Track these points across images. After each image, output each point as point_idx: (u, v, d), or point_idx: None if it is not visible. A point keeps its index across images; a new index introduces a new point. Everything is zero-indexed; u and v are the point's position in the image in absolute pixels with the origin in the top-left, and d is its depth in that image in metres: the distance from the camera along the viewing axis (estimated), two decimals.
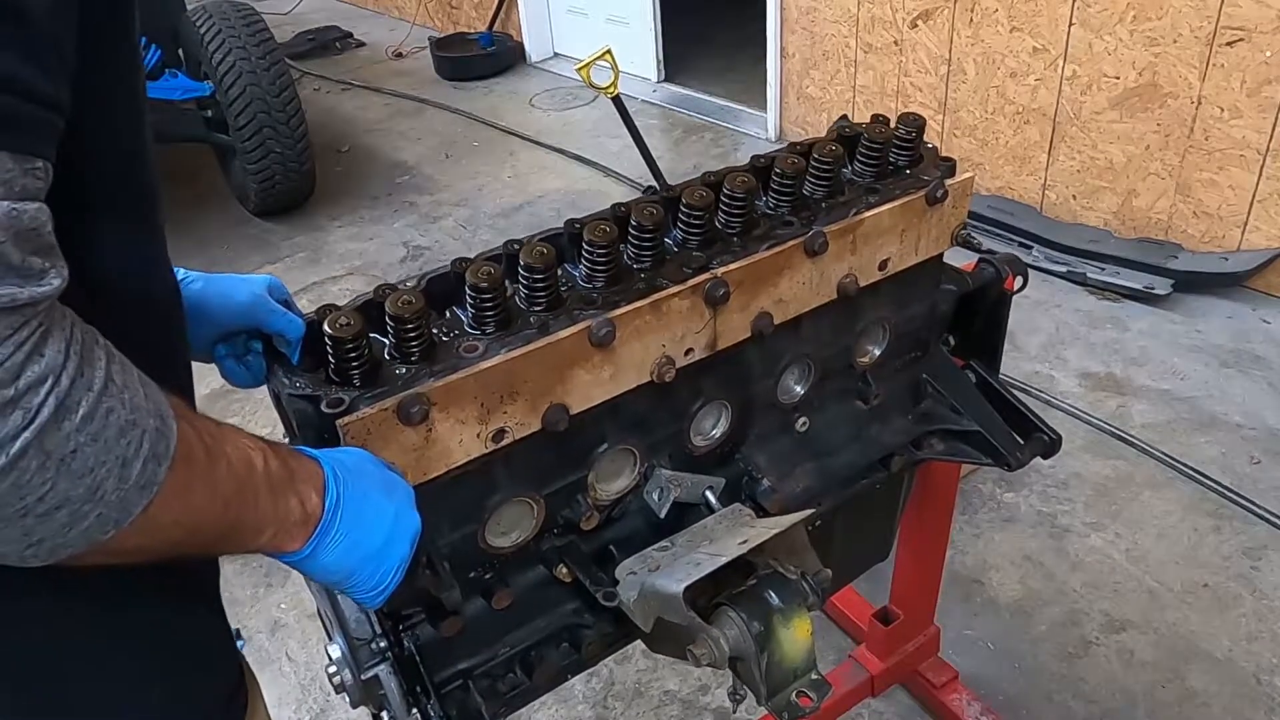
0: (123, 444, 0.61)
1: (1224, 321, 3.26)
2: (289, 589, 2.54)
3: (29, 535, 0.59)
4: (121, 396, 0.62)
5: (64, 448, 0.58)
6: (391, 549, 0.86)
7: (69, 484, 0.59)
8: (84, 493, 0.60)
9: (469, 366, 0.95)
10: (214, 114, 4.29)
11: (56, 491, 0.58)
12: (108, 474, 0.61)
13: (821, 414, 1.38)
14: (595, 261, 1.07)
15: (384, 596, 0.87)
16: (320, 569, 0.83)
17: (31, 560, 0.61)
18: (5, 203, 0.56)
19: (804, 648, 1.05)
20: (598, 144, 4.98)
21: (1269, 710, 2.05)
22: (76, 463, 0.59)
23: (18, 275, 0.56)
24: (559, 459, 1.11)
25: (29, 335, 0.57)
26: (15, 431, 0.56)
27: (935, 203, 1.27)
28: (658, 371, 1.09)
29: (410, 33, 6.86)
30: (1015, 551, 2.47)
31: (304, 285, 3.99)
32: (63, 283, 0.60)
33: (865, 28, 4.19)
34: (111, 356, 0.63)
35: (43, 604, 0.76)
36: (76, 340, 0.60)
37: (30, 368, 0.57)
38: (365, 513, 0.84)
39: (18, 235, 0.56)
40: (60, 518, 0.59)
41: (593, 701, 2.19)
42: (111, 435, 0.61)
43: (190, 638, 0.91)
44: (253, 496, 0.75)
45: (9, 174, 0.56)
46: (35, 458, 0.57)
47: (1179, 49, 3.21)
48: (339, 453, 0.87)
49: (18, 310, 0.56)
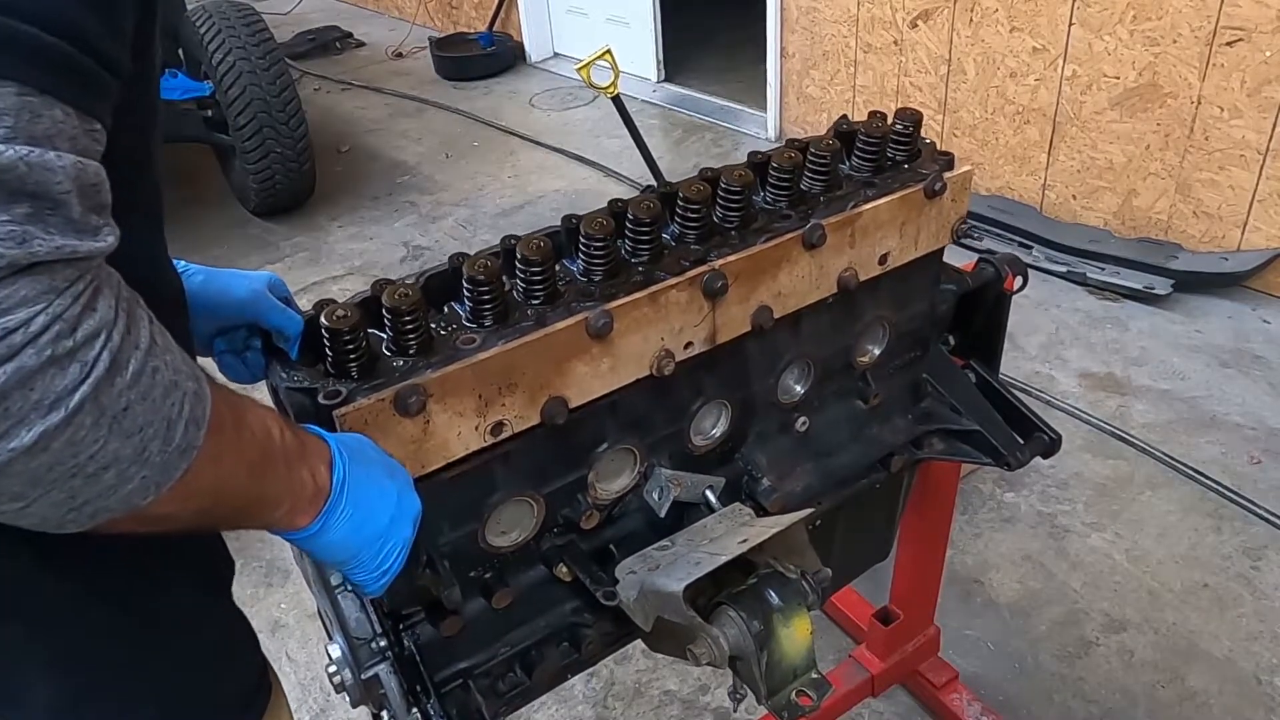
0: (168, 404, 0.61)
1: (1224, 321, 3.26)
2: (289, 589, 2.54)
3: (74, 498, 0.59)
4: (164, 358, 0.62)
5: (117, 404, 0.58)
6: (395, 529, 0.86)
7: (119, 443, 0.59)
8: (131, 453, 0.59)
9: (466, 358, 0.95)
10: (214, 114, 4.29)
11: (107, 450, 0.58)
12: (154, 434, 0.61)
13: (821, 413, 1.38)
14: (592, 255, 1.06)
15: (387, 579, 0.87)
16: (327, 547, 0.83)
17: (69, 525, 0.61)
18: (71, 155, 0.56)
19: (804, 647, 1.05)
20: (598, 144, 4.98)
21: (1269, 710, 2.05)
22: (127, 420, 0.59)
23: (77, 229, 0.57)
24: (559, 457, 1.11)
25: (84, 289, 0.57)
26: (74, 384, 0.56)
27: (934, 196, 1.27)
28: (657, 364, 1.08)
29: (410, 33, 6.86)
30: (1015, 551, 2.47)
31: (304, 285, 3.99)
32: (116, 240, 0.60)
33: (865, 28, 4.19)
34: (152, 319, 0.63)
35: (79, 591, 0.77)
36: (125, 300, 0.60)
37: (86, 320, 0.57)
38: (370, 491, 0.84)
39: (81, 190, 0.57)
40: (107, 479, 0.59)
41: (593, 701, 2.18)
42: (158, 395, 0.61)
43: (213, 633, 0.91)
44: (273, 467, 0.75)
45: (75, 129, 0.57)
46: (91, 413, 0.57)
47: (1179, 49, 3.21)
48: (342, 435, 0.88)
49: (76, 263, 0.57)
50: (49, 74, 0.55)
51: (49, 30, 0.55)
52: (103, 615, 0.80)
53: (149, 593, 0.83)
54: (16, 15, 0.54)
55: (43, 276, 0.55)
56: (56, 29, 0.56)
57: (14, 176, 0.53)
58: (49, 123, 0.55)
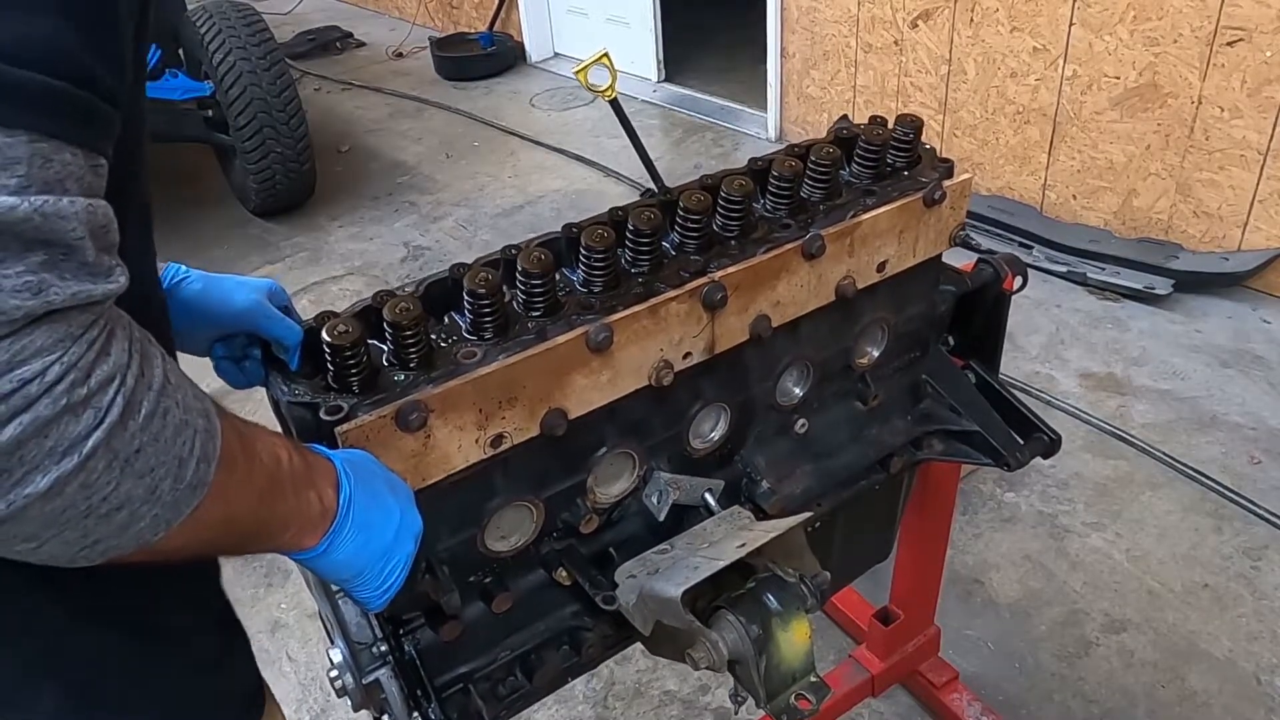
0: (179, 443, 0.62)
1: (1224, 321, 3.26)
2: (289, 589, 2.54)
3: (87, 536, 0.59)
4: (176, 396, 0.62)
5: (129, 447, 0.58)
6: (397, 547, 0.87)
7: (131, 484, 0.59)
8: (143, 493, 0.60)
9: (467, 373, 0.95)
10: (214, 114, 4.29)
11: (119, 492, 0.58)
12: (166, 474, 0.61)
13: (821, 415, 1.38)
14: (593, 266, 1.07)
15: (389, 596, 0.88)
16: (332, 566, 0.83)
17: (80, 561, 0.61)
18: (82, 199, 0.56)
19: (802, 651, 1.05)
20: (598, 144, 4.98)
21: (1269, 710, 2.05)
22: (139, 463, 0.59)
23: (91, 273, 0.56)
24: (558, 463, 1.11)
25: (98, 334, 0.57)
26: (87, 431, 0.56)
27: (933, 204, 1.27)
28: (656, 375, 1.09)
29: (410, 33, 6.86)
30: (1015, 551, 2.47)
31: (304, 285, 3.99)
32: (127, 280, 0.60)
33: (865, 28, 4.19)
34: (165, 356, 0.63)
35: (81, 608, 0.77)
36: (137, 340, 0.61)
37: (100, 366, 0.57)
38: (374, 510, 0.85)
39: (93, 232, 0.57)
40: (120, 519, 0.60)
41: (593, 701, 2.19)
42: (169, 435, 0.61)
43: (211, 642, 0.92)
44: (281, 493, 0.75)
45: (83, 170, 0.57)
46: (103, 458, 0.57)
47: (1179, 49, 3.21)
48: (345, 452, 0.88)
49: (91, 308, 0.57)
50: (58, 119, 0.55)
51: (55, 75, 0.55)
52: (105, 629, 0.80)
53: (149, 608, 0.83)
54: (22, 62, 0.53)
55: (59, 324, 0.55)
56: (62, 72, 0.55)
57: (30, 227, 0.53)
58: (59, 166, 0.55)
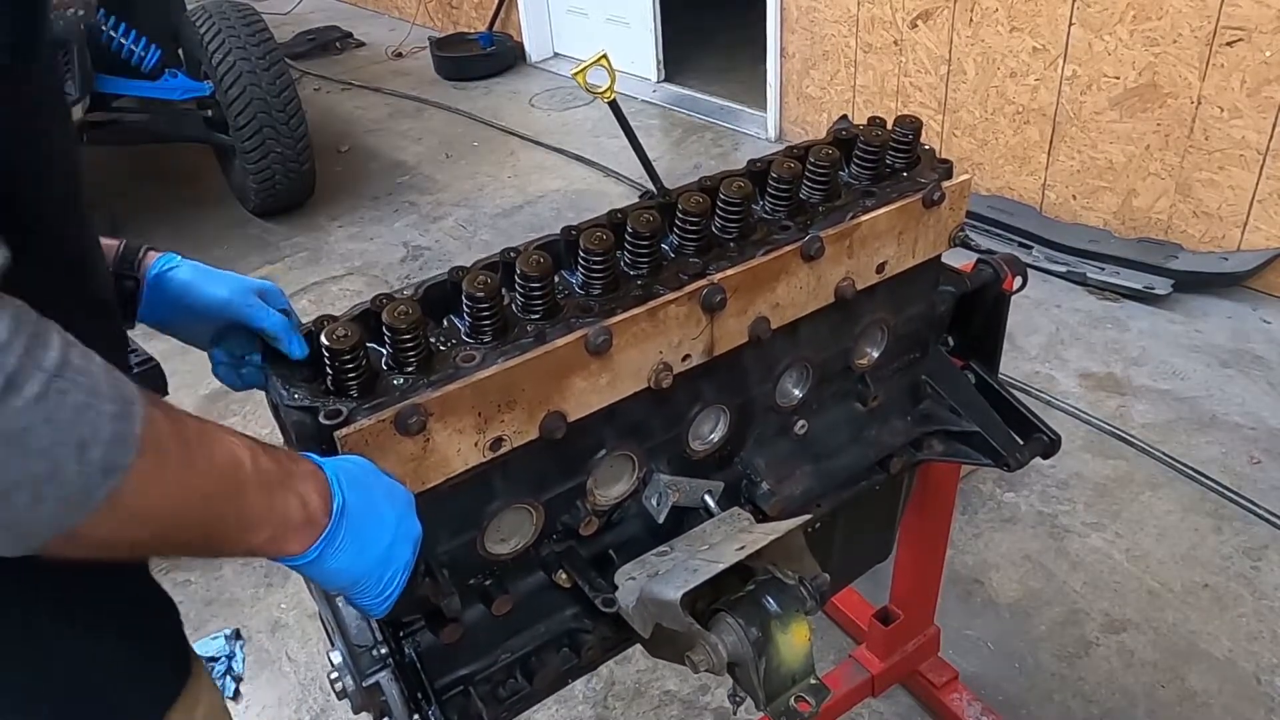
0: (80, 425, 0.61)
1: (1224, 321, 3.26)
2: (289, 589, 2.54)
3: None
4: (77, 380, 0.61)
5: (13, 424, 0.58)
6: (395, 555, 0.86)
7: (23, 462, 0.59)
8: (43, 473, 0.60)
9: (466, 376, 0.95)
10: (214, 114, 4.29)
11: (10, 468, 0.58)
12: (66, 455, 0.60)
13: (820, 416, 1.38)
14: (591, 269, 1.07)
15: (389, 603, 0.87)
16: (326, 574, 0.83)
17: (6, 550, 0.61)
18: None
19: (802, 653, 1.05)
20: (597, 144, 4.98)
21: (1269, 710, 2.05)
22: (31, 440, 0.59)
23: None
24: (558, 465, 1.11)
25: None
26: None
27: (932, 205, 1.27)
28: (655, 378, 1.09)
29: (410, 33, 6.85)
30: (1015, 551, 2.47)
31: (304, 285, 3.99)
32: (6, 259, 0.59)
33: (865, 28, 4.19)
34: (70, 344, 0.63)
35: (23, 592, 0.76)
36: (28, 323, 0.60)
37: None
38: (370, 518, 0.84)
39: None
40: (21, 499, 0.59)
41: (593, 701, 2.19)
42: (67, 416, 0.60)
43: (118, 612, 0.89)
44: (240, 493, 0.74)
45: None
46: None
47: (1179, 49, 3.21)
48: (341, 460, 0.88)
49: None
50: None
51: None
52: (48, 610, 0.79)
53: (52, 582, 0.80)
54: None
55: None
56: None
57: None
58: None
